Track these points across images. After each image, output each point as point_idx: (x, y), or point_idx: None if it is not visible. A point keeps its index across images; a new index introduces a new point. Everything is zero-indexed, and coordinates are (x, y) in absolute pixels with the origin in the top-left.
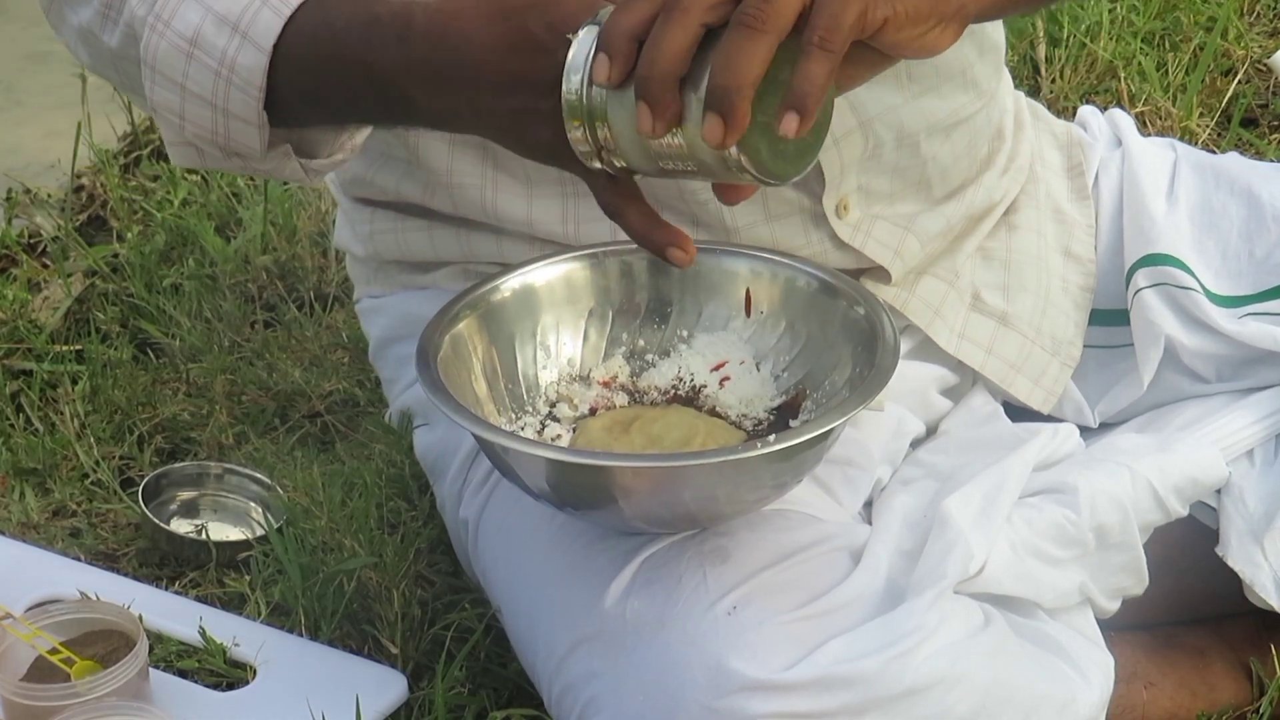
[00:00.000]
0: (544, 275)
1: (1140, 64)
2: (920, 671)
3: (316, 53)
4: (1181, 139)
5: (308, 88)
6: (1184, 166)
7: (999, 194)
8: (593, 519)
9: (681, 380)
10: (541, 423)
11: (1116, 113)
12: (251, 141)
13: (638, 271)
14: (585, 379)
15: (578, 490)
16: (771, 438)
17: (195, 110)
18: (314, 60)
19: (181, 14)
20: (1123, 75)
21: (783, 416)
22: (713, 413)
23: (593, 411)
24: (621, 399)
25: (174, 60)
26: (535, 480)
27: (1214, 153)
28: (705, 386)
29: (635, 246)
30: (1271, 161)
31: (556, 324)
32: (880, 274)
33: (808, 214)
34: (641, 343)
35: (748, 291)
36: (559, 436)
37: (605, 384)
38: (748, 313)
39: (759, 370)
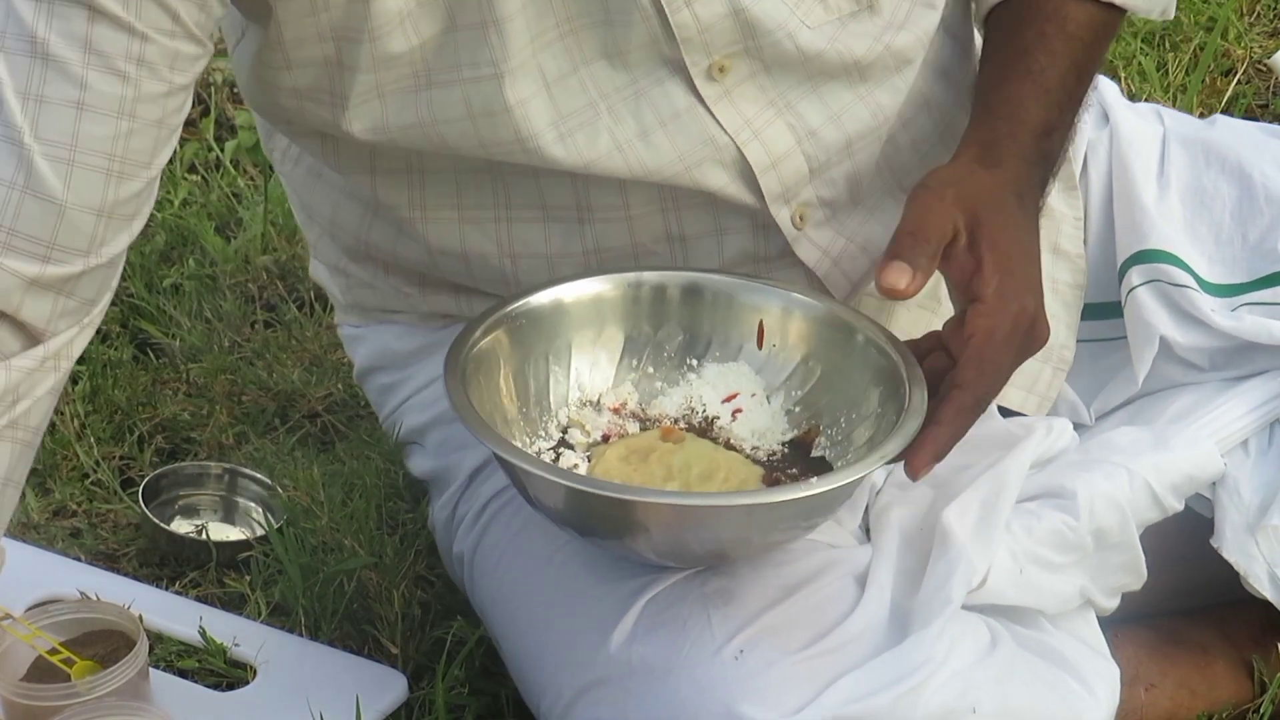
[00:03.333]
0: (566, 297)
1: (1140, 64)
2: (930, 705)
3: None
4: None
5: None
6: (1173, 143)
7: None
8: (612, 548)
9: (693, 410)
10: (555, 449)
11: (1102, 81)
12: None
13: (652, 299)
14: (596, 405)
15: (609, 522)
16: (814, 480)
17: None
18: None
19: None
20: (1123, 75)
21: (796, 451)
22: (728, 445)
23: (605, 438)
24: (633, 426)
25: None
26: (570, 513)
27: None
28: (718, 418)
29: (654, 274)
30: (1258, 121)
31: (569, 348)
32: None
33: (759, 229)
34: (650, 370)
35: (761, 323)
36: (576, 465)
37: (616, 410)
38: (759, 345)
39: (769, 403)
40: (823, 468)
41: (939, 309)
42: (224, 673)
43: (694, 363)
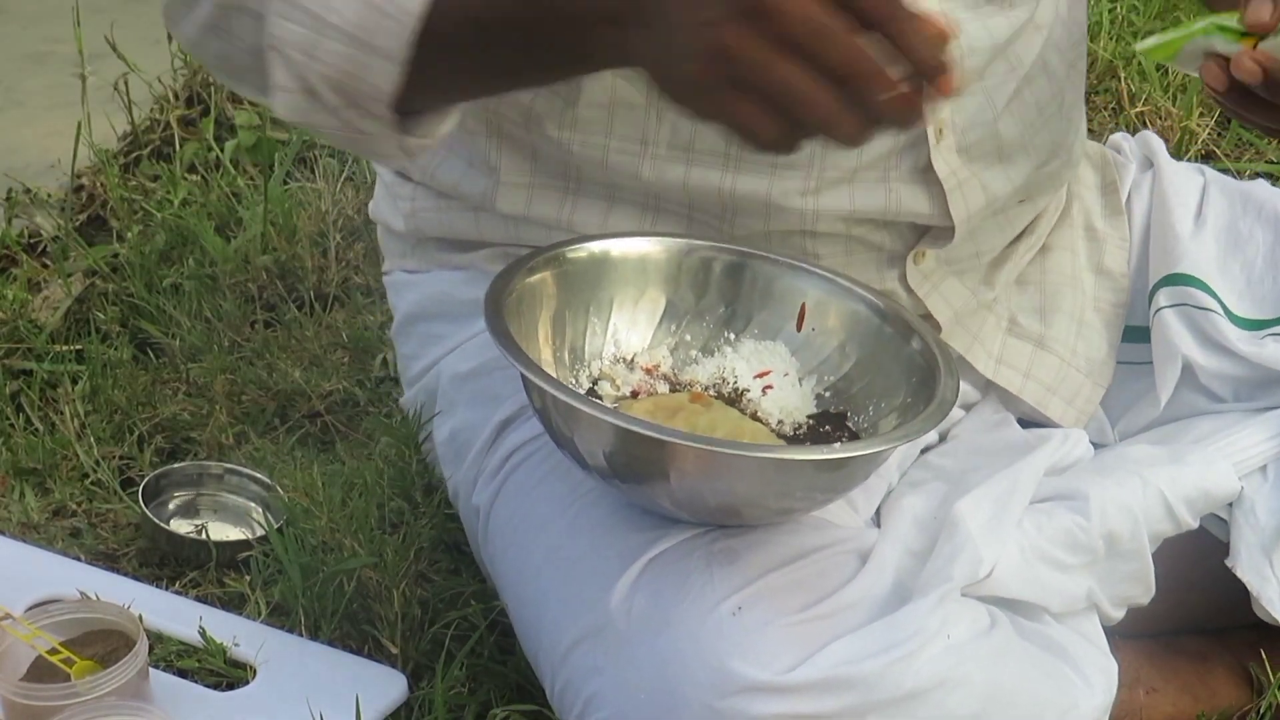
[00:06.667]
0: (614, 251)
1: (1140, 64)
2: (922, 674)
3: None
4: (1182, 139)
5: (472, 15)
6: (1213, 190)
7: (1040, 231)
8: (634, 495)
9: (724, 380)
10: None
11: (1148, 134)
12: (386, 83)
13: (703, 268)
14: (629, 362)
15: (636, 463)
16: (837, 445)
17: (330, 46)
18: None
19: None
20: (1123, 75)
21: (822, 432)
22: (754, 417)
23: (634, 394)
24: (663, 388)
25: None
26: (595, 446)
27: (1218, 154)
28: (748, 391)
29: (705, 244)
30: None
31: (611, 303)
32: (926, 319)
33: (884, 254)
34: (688, 337)
35: (803, 306)
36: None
37: (648, 370)
38: (798, 327)
39: (801, 385)
40: None
41: (995, 306)
42: (224, 673)
43: (732, 336)
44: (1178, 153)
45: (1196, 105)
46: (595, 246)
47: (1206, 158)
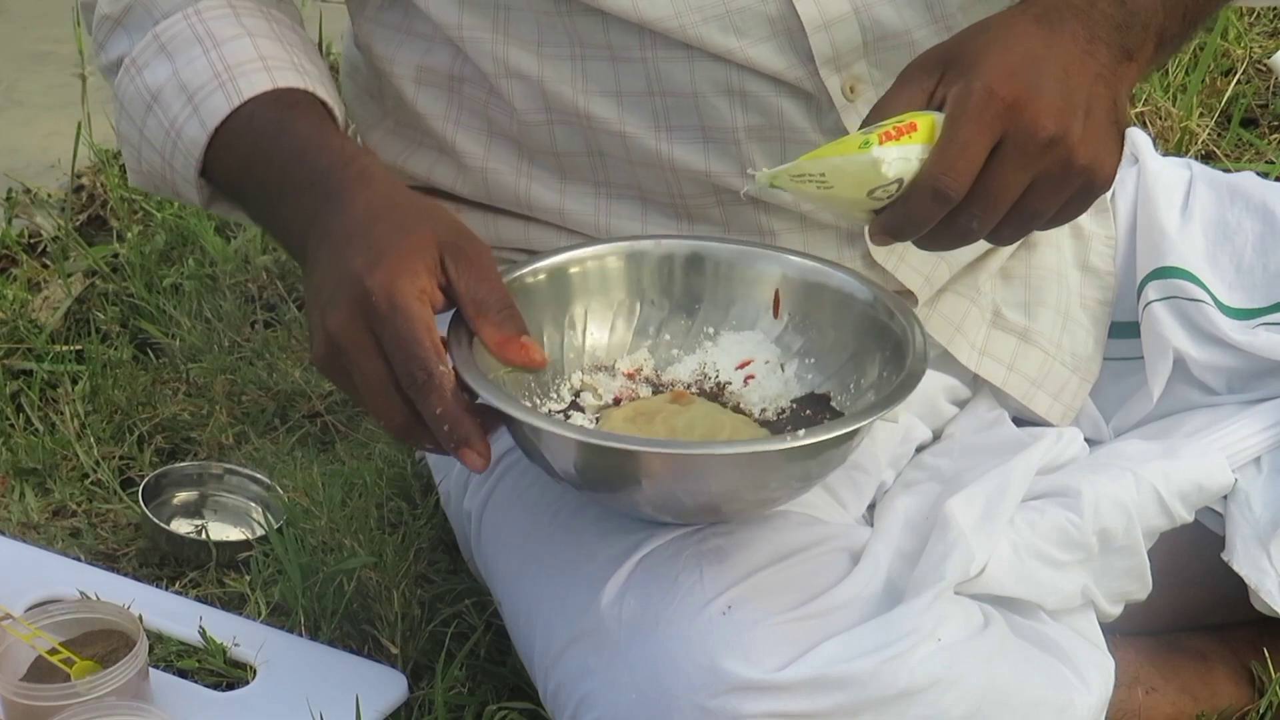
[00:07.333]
0: (578, 263)
1: None
2: (916, 673)
3: (241, 154)
4: (1182, 139)
5: (232, 172)
6: (1200, 184)
7: None
8: (613, 504)
9: (706, 375)
10: (565, 411)
11: (1134, 131)
12: (191, 196)
13: (671, 266)
14: (610, 369)
15: (604, 474)
16: (801, 432)
17: (149, 153)
18: (240, 157)
19: (153, 67)
20: None
21: (807, 410)
22: (736, 409)
23: (617, 402)
24: (646, 391)
25: (137, 106)
26: (563, 463)
27: (1218, 155)
28: (730, 383)
29: (672, 239)
30: (1258, 122)
31: (585, 313)
32: (905, 295)
33: (843, 231)
34: (667, 337)
35: (776, 293)
36: (583, 426)
37: (630, 375)
38: (775, 314)
39: (783, 371)
40: None
41: (978, 298)
42: (224, 673)
43: (710, 330)
44: (1178, 153)
45: (1196, 105)
46: (564, 258)
47: (1207, 158)
